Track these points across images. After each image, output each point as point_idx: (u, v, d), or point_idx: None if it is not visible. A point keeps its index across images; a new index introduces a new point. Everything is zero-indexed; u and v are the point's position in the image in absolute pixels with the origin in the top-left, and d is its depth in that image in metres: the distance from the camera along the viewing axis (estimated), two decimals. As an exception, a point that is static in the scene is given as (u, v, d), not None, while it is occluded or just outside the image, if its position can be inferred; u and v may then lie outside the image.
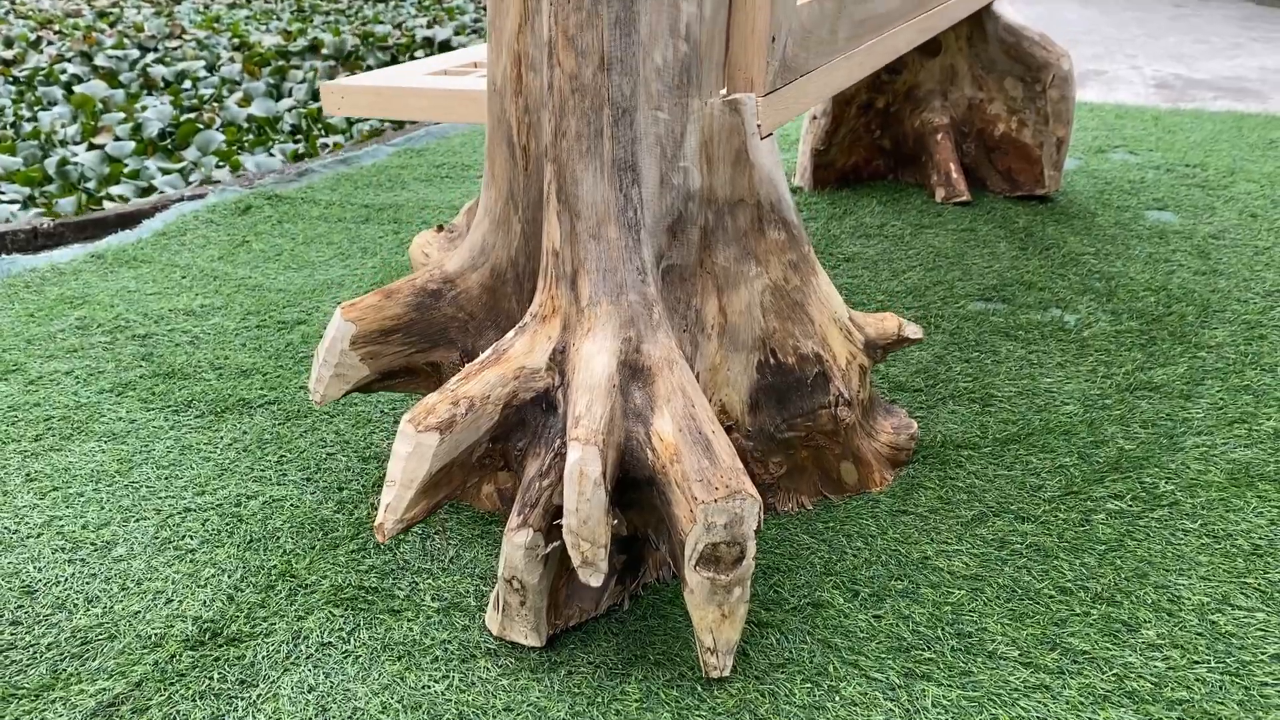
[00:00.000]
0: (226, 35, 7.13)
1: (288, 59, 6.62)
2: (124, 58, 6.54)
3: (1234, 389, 1.60)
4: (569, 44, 1.06)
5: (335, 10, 9.52)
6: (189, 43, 7.05)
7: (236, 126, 4.70)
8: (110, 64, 6.34)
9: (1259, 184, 2.59)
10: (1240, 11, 5.90)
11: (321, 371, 1.28)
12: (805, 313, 1.28)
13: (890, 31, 1.69)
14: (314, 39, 6.41)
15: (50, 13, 7.26)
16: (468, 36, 6.63)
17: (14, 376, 1.77)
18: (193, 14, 9.27)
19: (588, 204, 1.08)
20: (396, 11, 8.49)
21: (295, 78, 6.15)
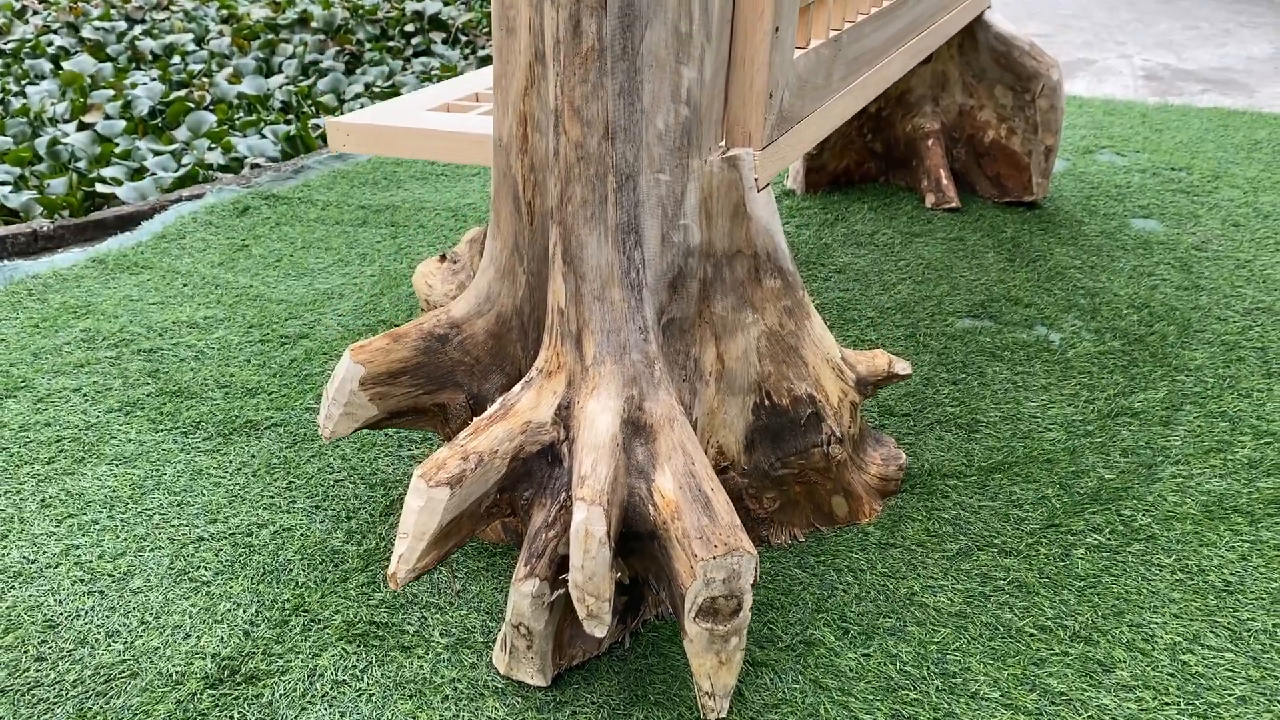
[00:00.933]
0: (214, 6, 7.07)
1: (276, 32, 6.58)
2: (111, 29, 6.49)
3: (1211, 415, 1.66)
4: (575, 114, 1.09)
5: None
6: (176, 14, 6.99)
7: (227, 104, 4.69)
8: (98, 36, 6.30)
9: (1242, 190, 2.63)
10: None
11: (331, 410, 1.32)
12: (799, 356, 1.33)
13: (884, 61, 1.72)
14: (303, 11, 6.37)
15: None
16: (458, 9, 6.60)
17: (23, 393, 1.81)
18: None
19: (592, 266, 1.12)
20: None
21: (285, 52, 6.12)
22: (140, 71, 5.78)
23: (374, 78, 5.43)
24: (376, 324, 2.03)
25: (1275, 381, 1.75)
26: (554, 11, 1.08)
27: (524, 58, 1.16)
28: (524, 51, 1.15)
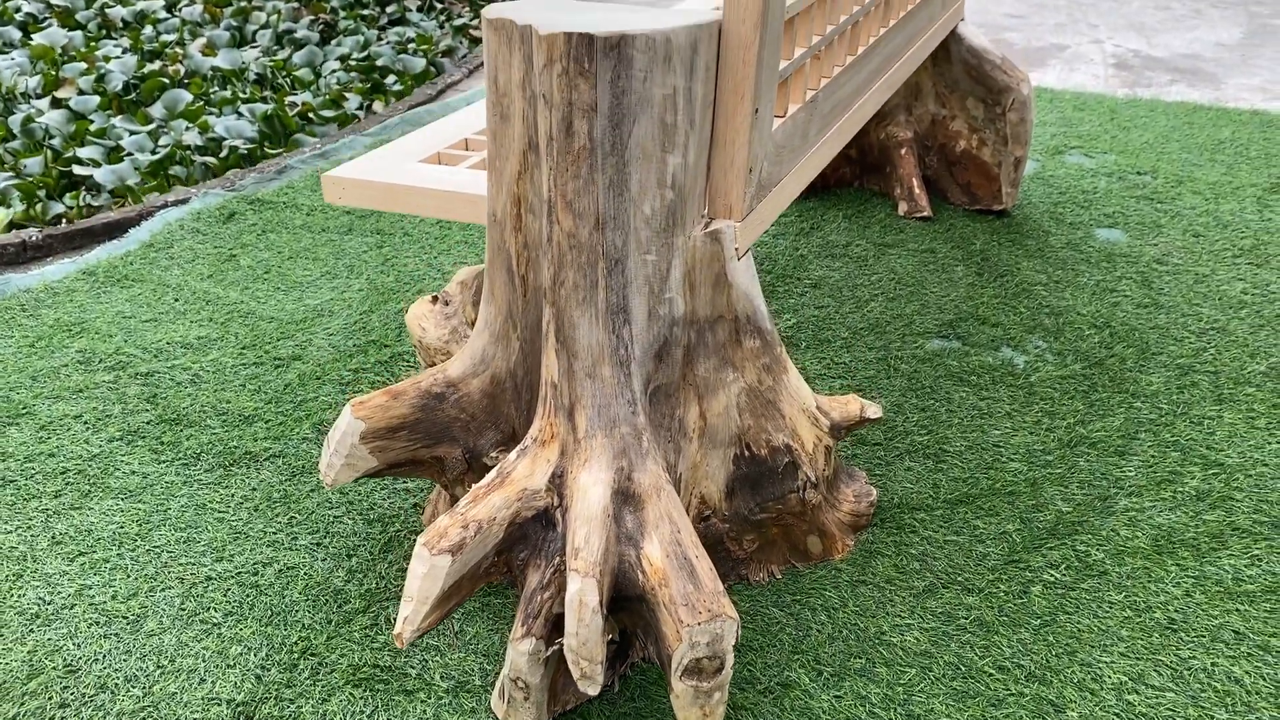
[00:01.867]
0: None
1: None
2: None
3: (1164, 444, 1.76)
4: (568, 206, 1.16)
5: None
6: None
7: (202, 77, 4.67)
8: (66, 2, 6.23)
9: (1204, 196, 2.72)
10: (1202, -33, 5.95)
11: (333, 460, 1.39)
12: (777, 409, 1.41)
13: (859, 103, 1.78)
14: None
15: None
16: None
17: (25, 421, 1.87)
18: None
19: (584, 346, 1.20)
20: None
21: (258, 20, 6.08)
22: (111, 41, 5.73)
23: (349, 49, 5.42)
24: (367, 344, 2.09)
25: (1225, 407, 1.85)
26: (547, 111, 1.14)
27: (518, 145, 1.22)
28: (518, 139, 1.21)
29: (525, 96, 1.19)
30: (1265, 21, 4.68)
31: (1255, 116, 3.32)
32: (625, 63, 1.12)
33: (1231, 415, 1.83)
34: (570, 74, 1.11)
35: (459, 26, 6.14)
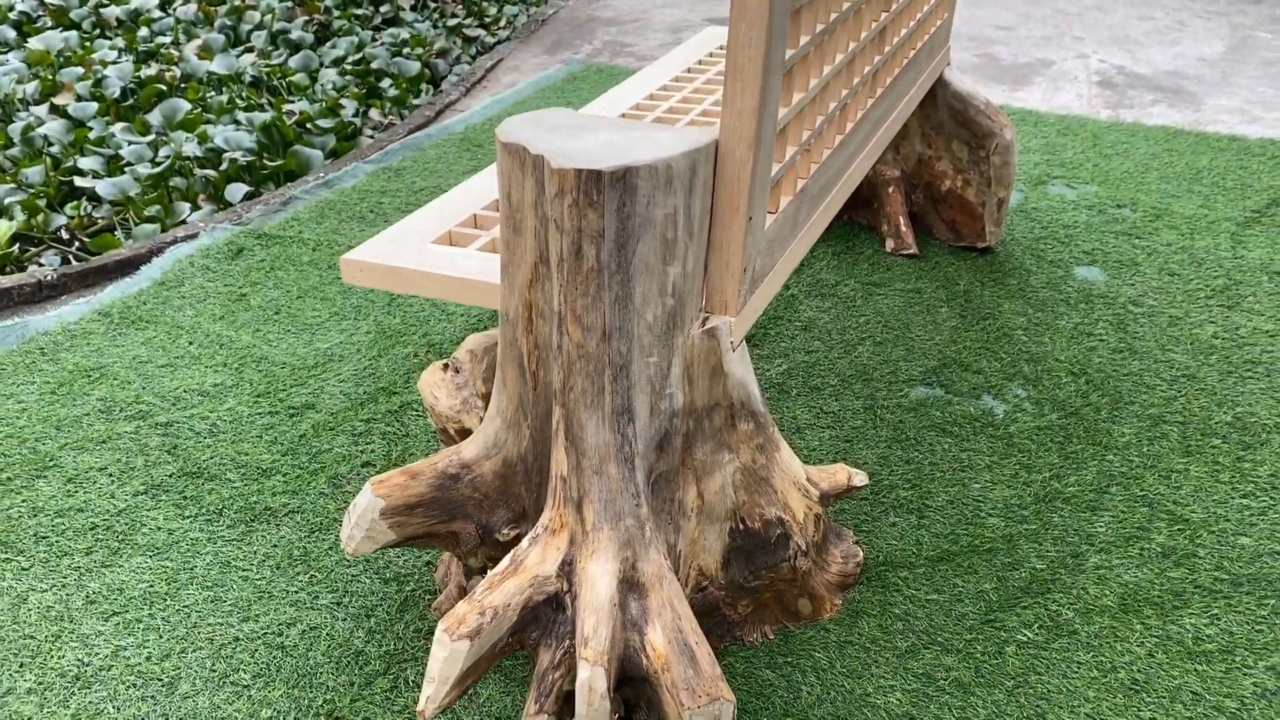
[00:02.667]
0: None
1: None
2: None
3: (1133, 499, 1.86)
4: (576, 320, 1.25)
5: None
6: (139, -26, 6.90)
7: (198, 81, 4.73)
8: (61, 0, 6.25)
9: (1180, 231, 2.82)
10: (1188, -29, 6.02)
11: (354, 532, 1.49)
12: (770, 484, 1.52)
13: (848, 174, 1.88)
14: (270, -24, 6.30)
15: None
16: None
17: (53, 473, 1.96)
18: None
19: (591, 445, 1.29)
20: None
21: (252, 19, 6.12)
22: (106, 40, 5.78)
23: (344, 50, 5.48)
24: (377, 391, 2.18)
25: (1193, 461, 1.96)
26: (558, 235, 1.23)
27: (529, 256, 1.31)
28: (529, 251, 1.31)
29: (537, 215, 1.28)
30: (1247, 34, 4.77)
31: (1233, 143, 3.42)
32: (630, 191, 1.21)
33: (1198, 469, 1.94)
34: (580, 205, 1.20)
35: (452, 27, 6.19)
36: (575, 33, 4.80)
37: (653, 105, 2.26)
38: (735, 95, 1.28)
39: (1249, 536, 1.78)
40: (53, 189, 3.76)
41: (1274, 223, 2.89)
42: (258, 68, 5.23)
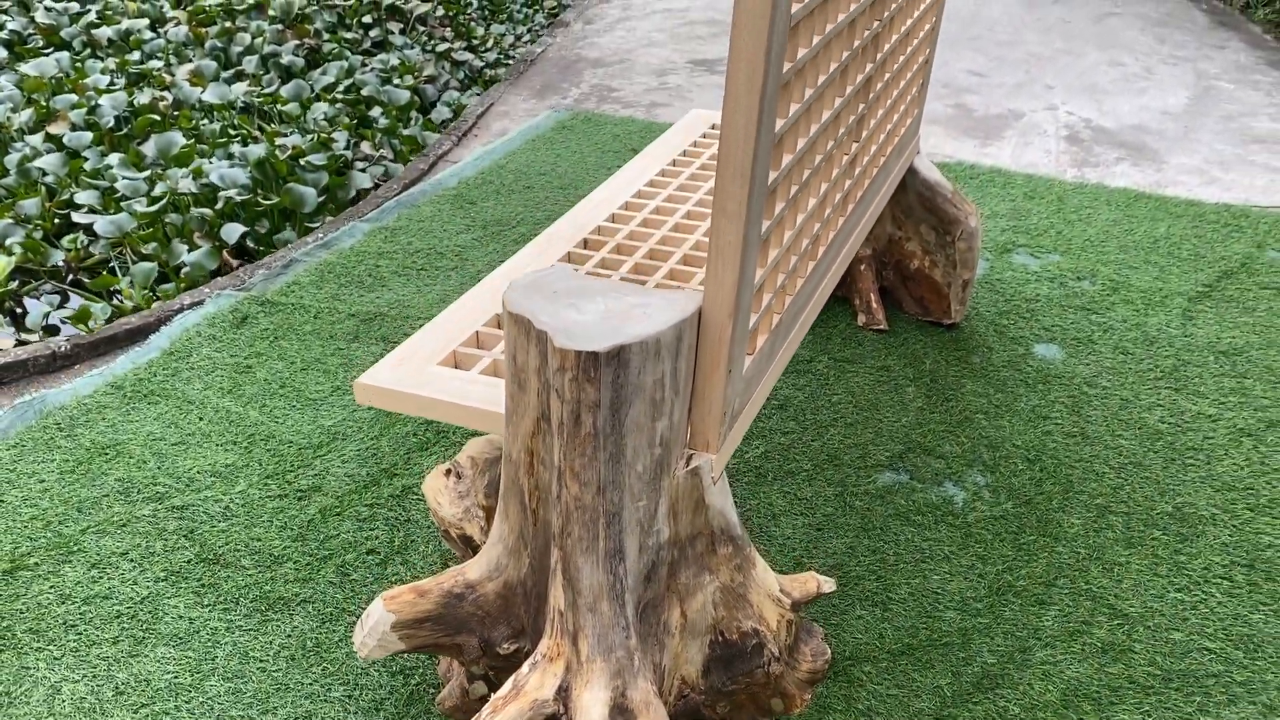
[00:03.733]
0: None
1: (233, 19, 6.65)
2: (64, 10, 6.52)
3: (1078, 592, 2.04)
4: (575, 476, 1.41)
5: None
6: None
7: (190, 108, 4.83)
8: (51, 19, 6.33)
9: (1135, 306, 2.99)
10: (1159, 9, 6.21)
11: (367, 640, 1.64)
12: (746, 599, 1.68)
13: (820, 290, 2.03)
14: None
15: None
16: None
17: (77, 559, 2.10)
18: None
19: (586, 585, 1.45)
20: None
21: (242, 41, 6.21)
22: (97, 61, 5.86)
23: (335, 76, 5.59)
24: (379, 474, 2.33)
25: (1134, 553, 2.13)
26: (559, 404, 1.38)
27: (533, 412, 1.46)
28: (532, 408, 1.46)
29: (540, 380, 1.43)
30: (1211, 83, 4.95)
31: (1190, 209, 3.60)
32: (624, 365, 1.37)
33: (1138, 561, 2.11)
34: (579, 380, 1.36)
35: (441, 52, 6.31)
36: (563, 74, 4.93)
37: (653, 193, 2.40)
38: (717, 269, 1.43)
39: (1181, 631, 1.96)
40: (49, 222, 3.88)
41: (1223, 297, 3.07)
42: (250, 95, 5.34)
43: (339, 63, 5.74)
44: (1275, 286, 3.13)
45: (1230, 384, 2.67)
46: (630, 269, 2.10)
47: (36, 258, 3.58)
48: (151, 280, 3.47)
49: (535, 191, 3.69)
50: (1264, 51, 5.47)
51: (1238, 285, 3.14)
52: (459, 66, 6.22)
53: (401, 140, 4.72)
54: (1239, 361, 2.77)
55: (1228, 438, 2.47)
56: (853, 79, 1.85)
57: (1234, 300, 3.06)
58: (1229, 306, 3.02)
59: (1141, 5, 6.30)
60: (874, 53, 1.98)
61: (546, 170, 3.86)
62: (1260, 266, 3.24)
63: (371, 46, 6.42)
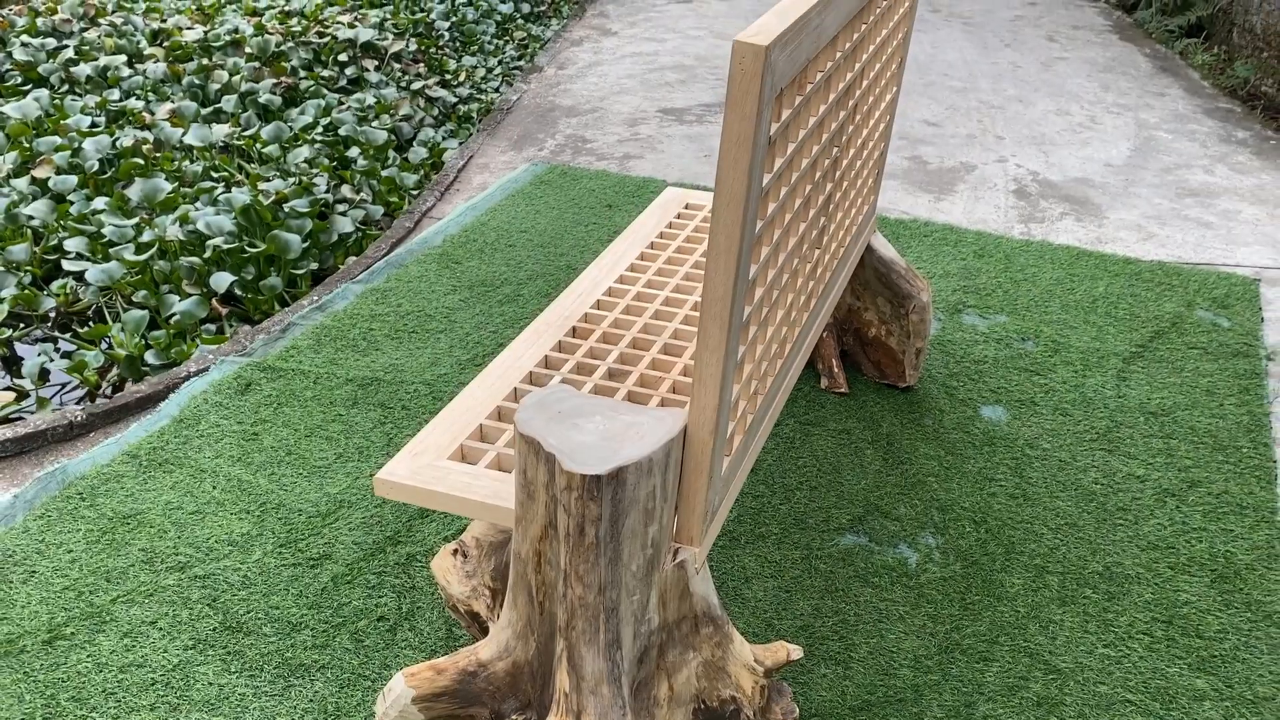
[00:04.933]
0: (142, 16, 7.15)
1: (210, 55, 6.79)
2: (41, 47, 6.63)
3: (1017, 650, 2.29)
4: (579, 579, 1.63)
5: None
6: (104, 27, 7.12)
7: (172, 147, 4.99)
8: (29, 56, 6.44)
9: (1074, 367, 3.26)
10: (1105, 54, 6.52)
11: (389, 712, 1.86)
12: (725, 671, 1.91)
13: (787, 379, 2.27)
14: (235, 30, 6.56)
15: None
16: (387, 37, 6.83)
17: (110, 628, 2.29)
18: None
19: (588, 672, 1.67)
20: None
21: (220, 79, 6.35)
22: (76, 99, 5.99)
23: (313, 115, 5.76)
24: (384, 541, 2.54)
25: (1068, 611, 2.39)
26: (565, 517, 1.61)
27: (540, 520, 1.68)
28: (540, 517, 1.68)
29: (548, 494, 1.65)
30: (1151, 133, 5.26)
31: (1128, 266, 3.88)
32: (621, 484, 1.59)
33: (1071, 619, 2.37)
34: (584, 498, 1.58)
35: (416, 90, 6.50)
36: (539, 124, 5.15)
37: (634, 278, 2.63)
38: (699, 395, 1.66)
39: (1106, 685, 2.22)
40: (37, 268, 4.05)
41: (1155, 357, 3.34)
42: (231, 137, 5.51)
43: (316, 101, 5.91)
44: (1201, 346, 3.41)
45: (1158, 444, 2.95)
46: (616, 358, 2.32)
47: (28, 304, 3.75)
48: (143, 328, 3.65)
49: (516, 250, 3.91)
50: (1201, 99, 5.79)
51: (1168, 345, 3.41)
52: (433, 103, 6.42)
53: (380, 181, 4.91)
54: (1166, 422, 3.04)
55: (1153, 498, 2.74)
56: (815, 203, 2.09)
57: (1164, 360, 3.33)
58: (1159, 367, 3.30)
59: (1088, 49, 6.61)
60: (833, 172, 2.22)
61: (526, 228, 4.08)
62: (1189, 326, 3.52)
63: (348, 84, 6.60)
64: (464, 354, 3.28)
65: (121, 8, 7.66)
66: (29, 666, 2.20)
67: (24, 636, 2.27)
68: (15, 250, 4.31)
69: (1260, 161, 4.98)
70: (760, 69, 1.37)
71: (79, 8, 7.33)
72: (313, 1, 7.60)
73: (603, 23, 6.99)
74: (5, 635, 2.27)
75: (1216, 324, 3.55)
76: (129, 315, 3.72)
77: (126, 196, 4.74)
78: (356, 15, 7.26)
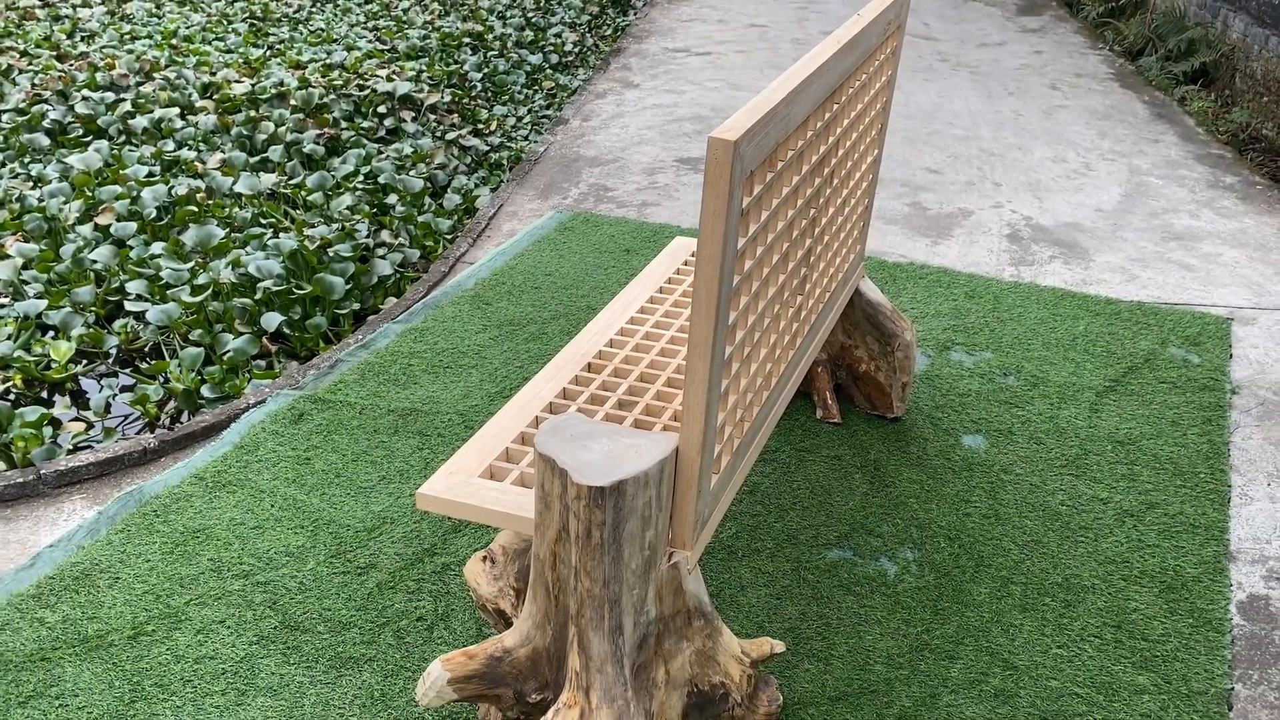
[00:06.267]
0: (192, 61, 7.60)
1: (257, 107, 7.23)
2: (100, 100, 7.08)
3: (980, 649, 2.59)
4: (587, 574, 1.96)
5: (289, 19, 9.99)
6: (158, 82, 7.57)
7: (223, 195, 5.39)
8: (89, 109, 6.89)
9: (1050, 400, 3.56)
10: (1105, 101, 6.83)
11: (428, 691, 2.18)
12: (715, 660, 2.22)
13: (776, 407, 2.59)
14: (280, 83, 6.98)
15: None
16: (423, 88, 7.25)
17: (185, 626, 2.64)
18: (144, 16, 9.69)
19: (595, 654, 2.00)
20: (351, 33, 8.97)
21: (267, 129, 6.77)
22: (133, 149, 6.42)
23: (354, 164, 6.15)
24: (422, 553, 2.88)
25: (1028, 616, 2.69)
26: (575, 522, 1.94)
27: (555, 525, 2.02)
28: (555, 523, 2.01)
29: (561, 503, 1.98)
30: (1142, 179, 5.56)
31: (1109, 306, 4.18)
32: (622, 494, 1.92)
33: (1030, 623, 2.67)
34: (590, 507, 1.91)
35: (450, 139, 6.91)
36: (564, 174, 5.52)
37: (644, 319, 2.96)
38: (688, 422, 1.99)
39: (1058, 680, 2.51)
40: (100, 308, 4.44)
41: (1126, 391, 3.64)
42: (278, 186, 5.93)
43: (357, 150, 6.33)
44: (1170, 381, 3.71)
45: (1122, 470, 3.24)
46: (625, 390, 2.66)
47: (94, 342, 4.14)
48: (199, 364, 4.02)
49: (542, 292, 4.27)
50: (1194, 145, 6.09)
51: (1140, 380, 3.71)
52: (466, 151, 6.83)
53: (417, 226, 5.29)
54: (1132, 450, 3.33)
55: (1114, 518, 3.04)
56: (794, 257, 2.43)
57: (1135, 394, 3.63)
58: (1130, 400, 3.59)
59: (1089, 96, 6.93)
60: (812, 230, 2.55)
61: (551, 271, 4.44)
62: (1161, 362, 3.82)
63: (386, 134, 7.02)
64: (493, 387, 3.63)
65: (174, 63, 8.15)
66: (117, 658, 2.55)
67: (111, 633, 2.62)
68: (81, 292, 4.72)
69: (1245, 206, 5.27)
70: (730, 159, 1.71)
71: (135, 63, 7.83)
72: (352, 55, 8.06)
73: (626, 75, 7.39)
74: (95, 632, 2.62)
75: (1187, 360, 3.84)
76: (186, 352, 4.10)
77: (182, 242, 5.15)
78: (394, 69, 7.71)
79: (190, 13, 9.72)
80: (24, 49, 8.22)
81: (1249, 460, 3.33)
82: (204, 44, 8.58)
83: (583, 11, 9.84)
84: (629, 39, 8.44)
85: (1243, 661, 2.59)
